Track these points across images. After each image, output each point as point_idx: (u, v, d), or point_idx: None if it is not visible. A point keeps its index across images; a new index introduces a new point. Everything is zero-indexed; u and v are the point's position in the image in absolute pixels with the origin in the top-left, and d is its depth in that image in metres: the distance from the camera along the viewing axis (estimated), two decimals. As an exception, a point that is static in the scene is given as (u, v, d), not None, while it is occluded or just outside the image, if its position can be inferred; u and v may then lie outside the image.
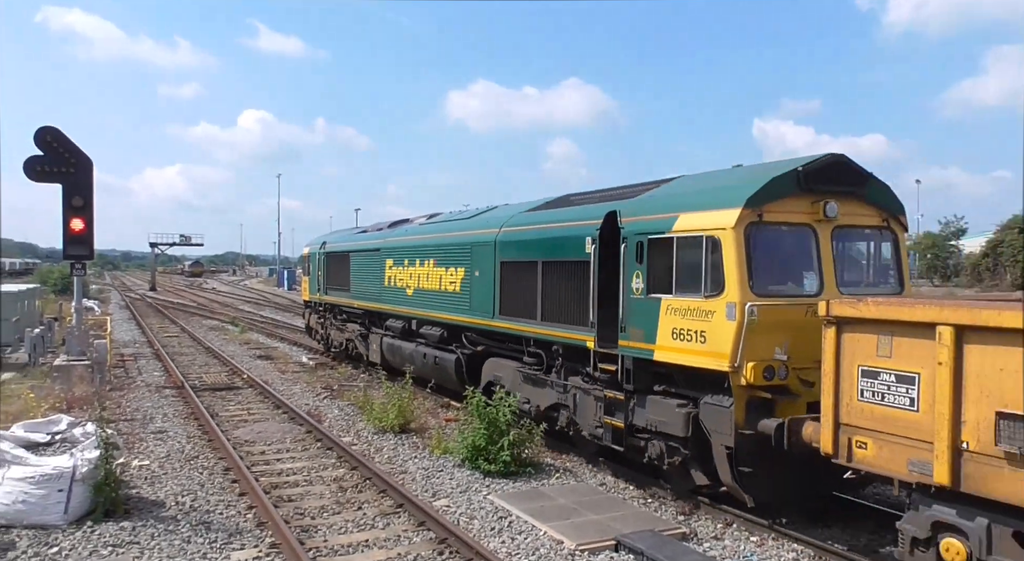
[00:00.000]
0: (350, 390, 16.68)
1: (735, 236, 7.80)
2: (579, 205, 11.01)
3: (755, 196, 7.90)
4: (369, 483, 9.81)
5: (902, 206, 9.00)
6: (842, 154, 8.57)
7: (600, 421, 9.78)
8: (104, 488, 8.41)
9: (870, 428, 6.46)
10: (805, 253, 8.30)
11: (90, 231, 15.53)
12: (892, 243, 8.98)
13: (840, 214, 8.31)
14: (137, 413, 14.40)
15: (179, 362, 21.57)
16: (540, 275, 11.06)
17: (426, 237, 15.63)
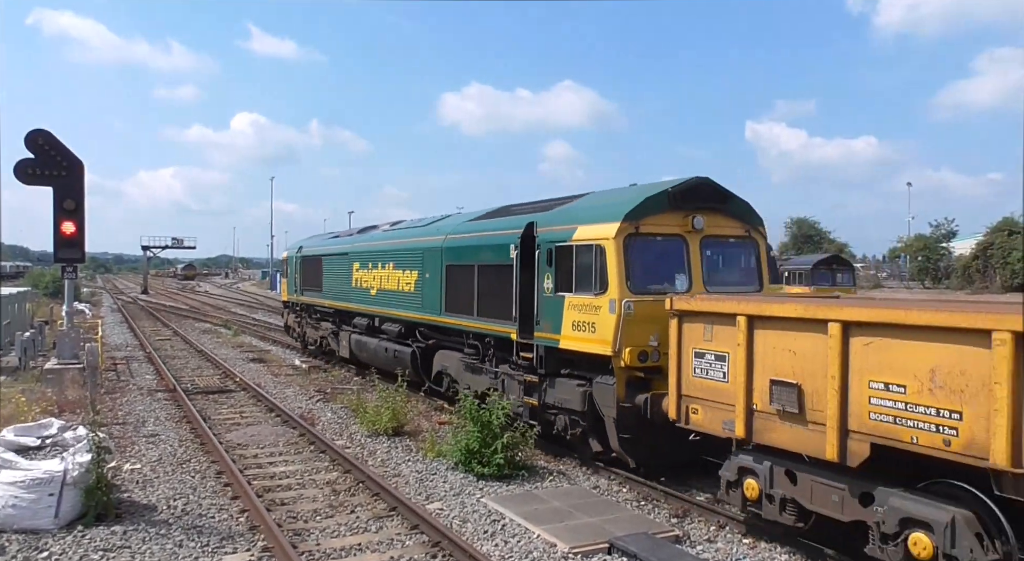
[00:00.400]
0: (343, 393, 16.62)
1: (615, 245, 9.56)
2: (510, 216, 12.62)
3: (631, 212, 9.71)
4: (362, 486, 9.78)
5: (761, 220, 10.85)
6: (706, 177, 10.29)
7: (521, 401, 11.33)
8: (95, 492, 8.35)
9: (700, 397, 8.16)
10: (677, 258, 10.04)
11: (81, 234, 15.45)
12: (754, 249, 10.76)
13: (706, 226, 10.13)
14: (129, 417, 14.32)
15: (171, 365, 21.47)
16: (476, 277, 12.77)
17: (387, 243, 17.40)
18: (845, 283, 30.77)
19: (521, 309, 11.34)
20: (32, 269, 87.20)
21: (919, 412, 6.04)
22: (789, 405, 7.08)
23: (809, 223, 66.17)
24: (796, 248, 60.96)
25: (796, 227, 66.15)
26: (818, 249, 56.82)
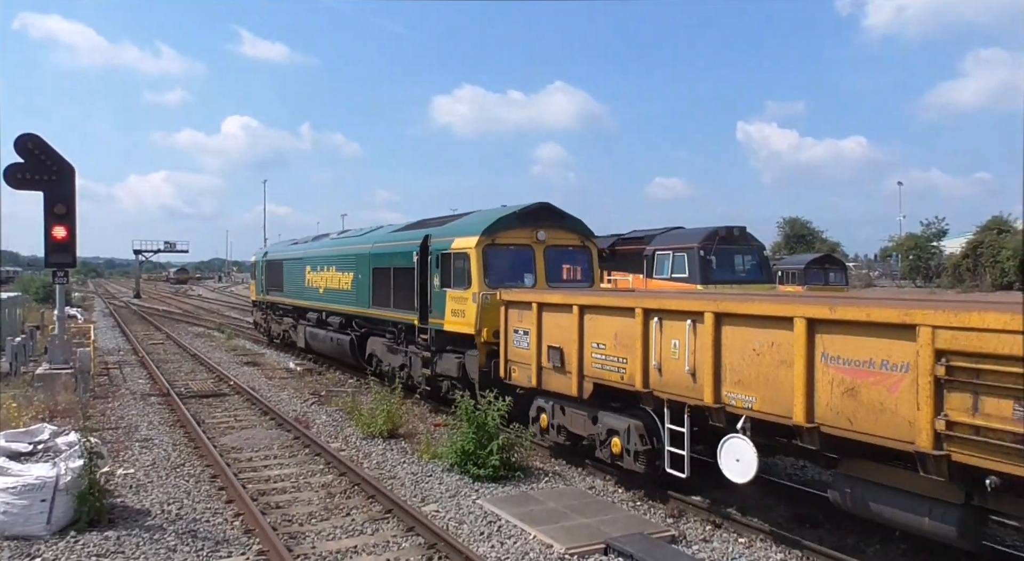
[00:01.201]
0: (338, 396, 16.57)
1: (476, 253, 13.08)
2: (417, 229, 15.96)
3: (488, 228, 13.28)
4: (358, 489, 9.74)
5: (592, 233, 14.62)
6: (548, 203, 14.00)
7: (420, 372, 14.77)
8: (88, 497, 8.29)
9: (516, 361, 11.37)
10: (526, 262, 13.58)
11: (73, 239, 15.36)
12: (587, 255, 14.35)
13: (548, 238, 13.73)
14: (122, 421, 14.24)
15: (165, 369, 21.38)
16: (392, 277, 16.14)
17: (332, 249, 20.85)
18: (838, 282, 30.81)
19: (420, 302, 14.72)
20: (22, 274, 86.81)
21: (611, 360, 9.34)
22: (556, 362, 10.33)
23: (801, 223, 66.31)
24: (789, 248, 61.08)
25: (789, 227, 66.26)
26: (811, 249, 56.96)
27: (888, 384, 6.13)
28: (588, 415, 10.06)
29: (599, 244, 18.21)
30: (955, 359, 5.67)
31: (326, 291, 20.54)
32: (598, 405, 9.86)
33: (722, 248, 20.14)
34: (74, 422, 12.86)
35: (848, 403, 6.45)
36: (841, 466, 7.11)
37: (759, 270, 21.06)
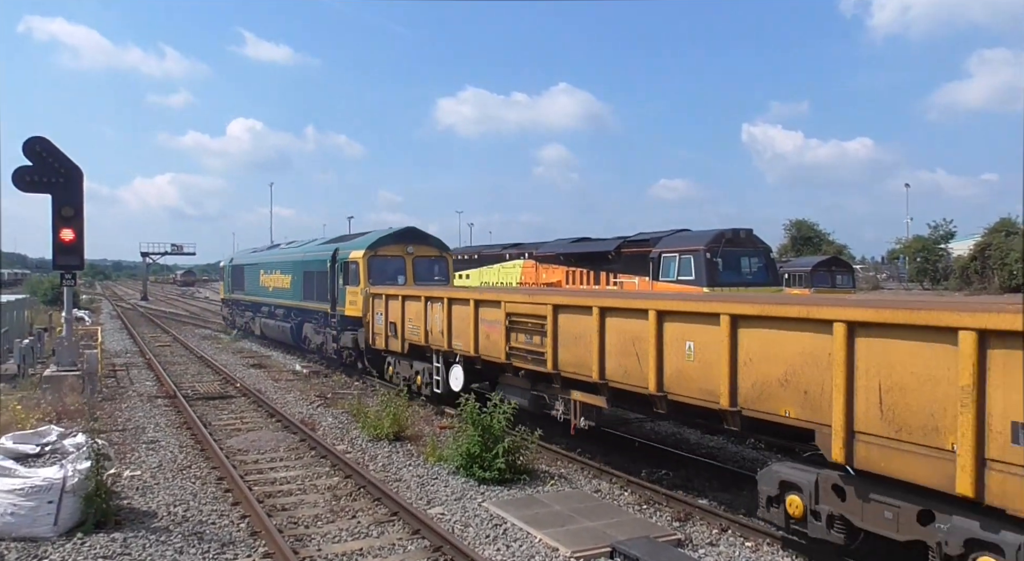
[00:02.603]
0: (344, 398, 16.60)
1: (363, 261, 18.88)
2: (332, 244, 22.20)
3: (371, 245, 19.30)
4: (363, 491, 9.75)
5: (447, 247, 20.80)
6: (414, 226, 20.46)
7: (331, 346, 21.07)
8: (95, 499, 8.32)
9: (379, 334, 16.47)
10: (400, 269, 19.40)
11: (80, 241, 15.43)
12: (444, 263, 20.27)
13: (415, 251, 19.64)
14: (129, 423, 14.29)
15: (171, 371, 21.45)
16: (315, 278, 22.45)
17: (279, 257, 27.47)
18: (845, 285, 30.71)
19: (331, 295, 20.93)
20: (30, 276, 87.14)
21: (415, 328, 14.05)
22: (392, 332, 15.86)
23: (808, 225, 66.09)
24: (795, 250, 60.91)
25: (795, 229, 66.06)
26: (817, 251, 56.80)
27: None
28: (433, 364, 14.68)
29: (604, 246, 22.70)
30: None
31: (274, 289, 26.97)
32: (412, 357, 15.76)
33: (728, 250, 20.10)
34: (81, 424, 12.89)
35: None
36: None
37: (766, 272, 21.01)
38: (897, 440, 5.88)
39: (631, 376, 8.79)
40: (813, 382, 6.54)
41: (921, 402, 5.72)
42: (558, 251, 25.61)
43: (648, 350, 8.37)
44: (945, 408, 5.53)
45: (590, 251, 24.07)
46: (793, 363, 6.74)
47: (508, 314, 11.46)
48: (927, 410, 5.68)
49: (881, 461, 6.04)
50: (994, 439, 5.28)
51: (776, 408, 6.93)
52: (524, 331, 11.10)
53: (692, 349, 7.88)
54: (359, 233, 22.92)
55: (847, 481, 6.58)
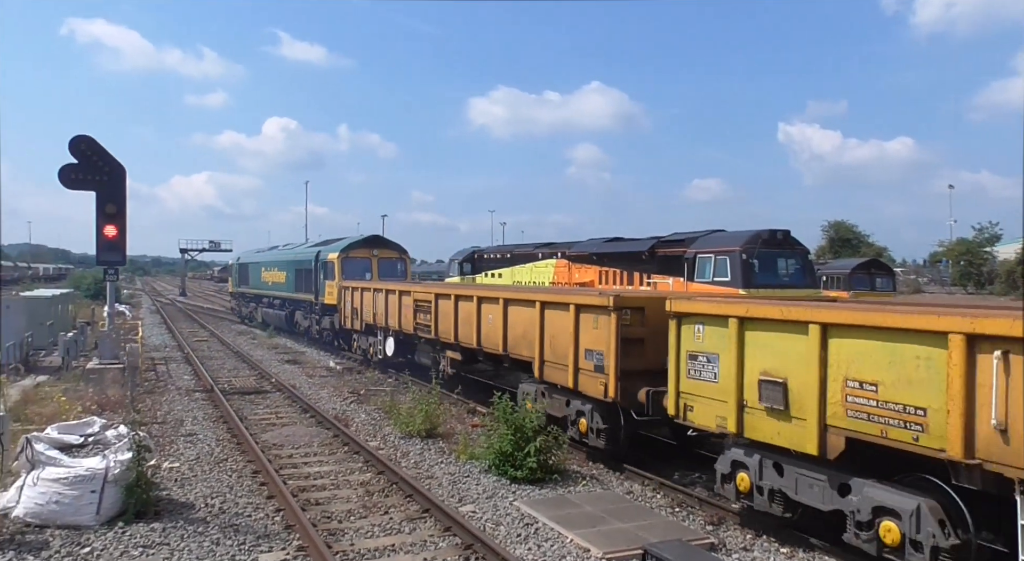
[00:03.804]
0: (376, 395, 16.76)
1: (338, 262, 25.46)
2: (317, 247, 28.69)
3: (344, 249, 25.94)
4: (395, 488, 9.85)
5: (406, 251, 27.62)
6: (379, 234, 29.58)
7: (315, 328, 27.38)
8: (135, 490, 8.53)
9: (348, 316, 22.68)
10: (367, 267, 25.76)
11: (123, 237, 15.79)
12: (403, 263, 26.92)
13: (380, 254, 26.41)
14: (168, 416, 14.59)
15: (209, 366, 21.85)
16: (304, 274, 28.50)
17: (276, 257, 34.34)
18: (884, 288, 30.15)
19: (314, 288, 27.24)
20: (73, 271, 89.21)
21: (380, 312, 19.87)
22: (355, 315, 21.95)
23: (847, 226, 64.90)
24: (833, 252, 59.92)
25: (833, 230, 64.95)
26: (856, 253, 55.83)
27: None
28: (378, 338, 20.43)
29: (638, 246, 23.16)
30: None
31: (272, 283, 33.72)
32: (367, 333, 21.54)
33: (765, 251, 19.86)
34: (123, 416, 13.21)
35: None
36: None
37: (803, 275, 20.72)
38: (555, 363, 11.54)
39: (469, 338, 14.54)
40: (531, 337, 12.17)
41: (563, 342, 11.26)
42: (591, 251, 25.53)
43: (472, 320, 14.37)
44: (568, 347, 11.16)
45: (623, 251, 23.96)
46: (526, 326, 12.39)
47: (415, 300, 17.52)
48: (564, 347, 11.22)
49: (549, 375, 11.73)
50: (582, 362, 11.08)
51: (521, 351, 12.73)
52: (422, 311, 17.03)
53: (491, 319, 13.66)
54: (338, 238, 29.46)
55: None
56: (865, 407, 6.64)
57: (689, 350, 8.62)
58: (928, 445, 6.12)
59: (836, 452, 6.97)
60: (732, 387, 7.97)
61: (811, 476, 7.38)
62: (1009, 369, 5.54)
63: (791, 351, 7.31)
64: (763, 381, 7.61)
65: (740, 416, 7.96)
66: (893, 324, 6.37)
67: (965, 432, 5.82)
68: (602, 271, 24.48)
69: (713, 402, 8.31)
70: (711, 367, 8.29)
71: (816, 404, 7.04)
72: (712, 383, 8.31)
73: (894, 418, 6.39)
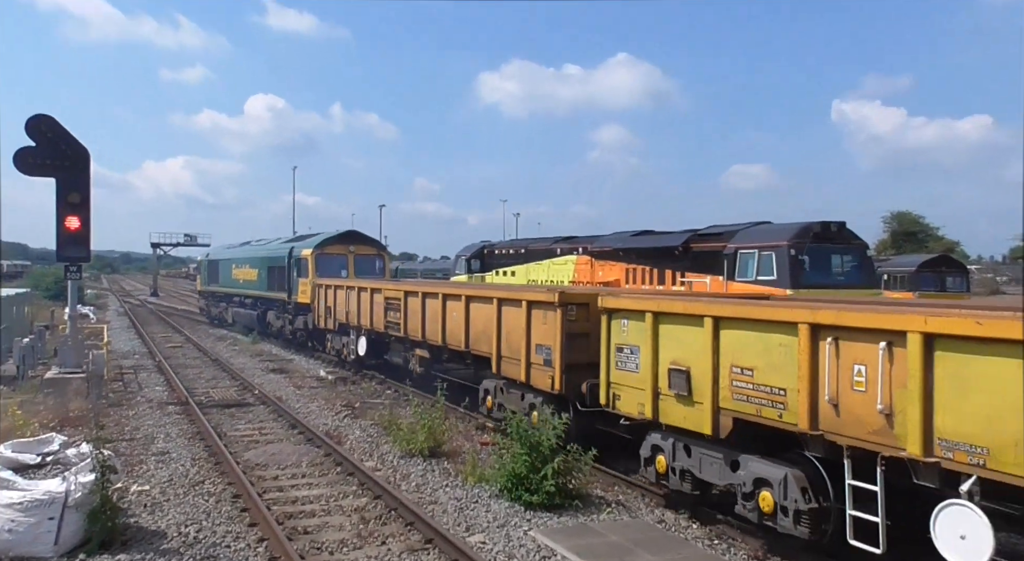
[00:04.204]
0: (373, 408, 16.79)
1: (311, 258, 27.31)
2: (289, 243, 30.74)
3: (318, 245, 27.99)
4: (395, 514, 9.84)
5: (384, 247, 31.30)
6: (356, 230, 31.22)
7: (288, 328, 29.21)
8: (100, 516, 8.52)
9: (322, 314, 24.63)
10: (343, 264, 27.66)
11: (87, 230, 15.85)
12: (381, 260, 29.03)
13: (356, 250, 28.41)
14: (137, 432, 14.66)
15: (184, 376, 21.96)
16: (277, 271, 30.31)
17: (248, 253, 36.00)
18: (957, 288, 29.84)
19: (287, 286, 28.68)
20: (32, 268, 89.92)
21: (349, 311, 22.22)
22: (328, 314, 23.99)
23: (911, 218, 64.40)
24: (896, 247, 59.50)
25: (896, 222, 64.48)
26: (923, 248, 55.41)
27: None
28: (351, 337, 22.34)
29: (670, 240, 23.10)
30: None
31: (244, 281, 35.20)
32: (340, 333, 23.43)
33: (817, 246, 19.71)
34: (86, 432, 13.27)
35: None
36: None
37: (860, 273, 20.56)
38: (510, 358, 13.40)
39: (436, 335, 16.30)
40: (490, 333, 14.01)
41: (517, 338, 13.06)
42: (617, 246, 25.45)
43: (438, 317, 16.18)
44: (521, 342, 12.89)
45: (654, 246, 23.86)
46: (485, 323, 14.19)
47: (386, 298, 19.21)
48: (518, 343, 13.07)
49: (506, 370, 13.59)
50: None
51: (481, 347, 14.49)
52: (393, 309, 18.75)
53: (455, 316, 15.47)
54: (313, 234, 32.05)
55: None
56: (745, 390, 8.36)
57: (617, 343, 10.40)
58: (788, 421, 7.84)
59: (726, 431, 8.69)
60: (649, 376, 9.67)
61: (711, 455, 9.09)
62: (839, 353, 7.28)
63: (693, 342, 8.98)
64: (672, 370, 9.31)
65: (655, 403, 9.67)
66: (764, 317, 8.11)
67: (811, 408, 7.55)
68: (629, 268, 24.41)
69: (635, 391, 10.00)
70: (634, 358, 10.00)
71: (710, 389, 8.73)
72: (635, 373, 9.99)
73: (765, 399, 8.12)
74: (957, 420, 6.32)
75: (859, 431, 7.12)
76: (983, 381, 6.13)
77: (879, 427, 6.93)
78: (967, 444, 6.24)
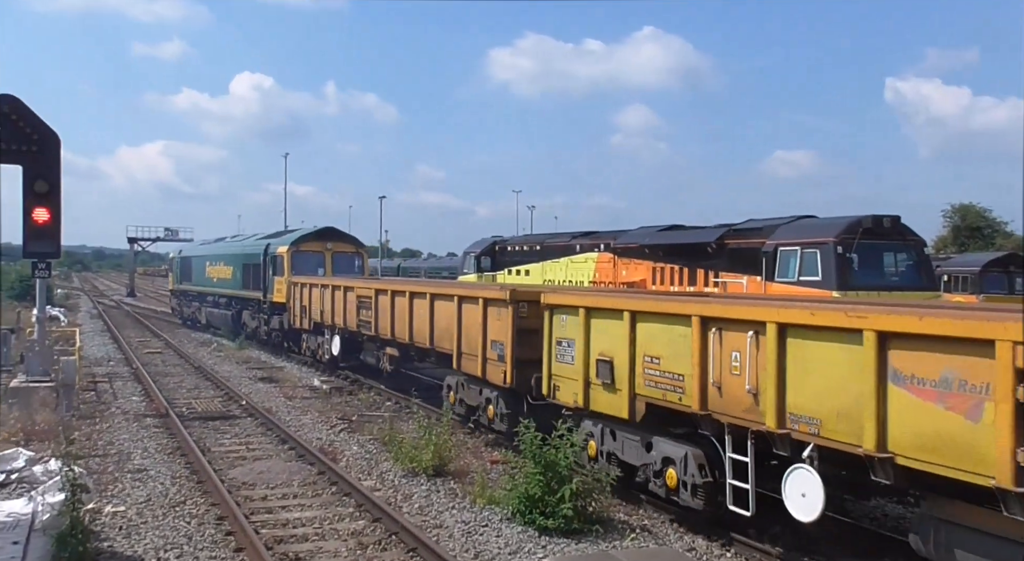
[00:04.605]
0: (372, 422, 16.86)
1: (287, 256, 29.13)
2: (266, 240, 32.27)
3: (294, 242, 29.97)
4: (395, 539, 9.89)
5: (363, 244, 32.90)
6: (334, 226, 32.93)
7: (264, 328, 31.14)
8: (70, 540, 8.57)
9: (298, 314, 26.52)
10: (320, 262, 29.56)
11: (57, 223, 15.84)
12: (360, 258, 31.20)
13: (334, 248, 30.24)
14: (111, 447, 14.76)
15: (163, 385, 22.10)
16: (252, 269, 32.11)
17: (222, 250, 37.84)
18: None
19: (263, 284, 30.17)
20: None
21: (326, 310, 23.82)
22: (303, 313, 25.76)
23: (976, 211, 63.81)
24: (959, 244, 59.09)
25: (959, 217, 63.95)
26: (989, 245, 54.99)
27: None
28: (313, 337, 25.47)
29: (702, 236, 23.29)
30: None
31: (218, 280, 37.06)
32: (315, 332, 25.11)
33: (867, 243, 19.61)
34: (54, 447, 13.37)
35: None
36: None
37: (917, 273, 20.46)
38: (469, 354, 15.11)
39: (404, 333, 18.08)
40: (452, 330, 15.71)
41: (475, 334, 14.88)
42: (642, 242, 25.42)
43: (405, 315, 17.85)
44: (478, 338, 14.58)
45: (684, 242, 23.82)
46: (448, 320, 15.91)
47: (358, 296, 21.17)
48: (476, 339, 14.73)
49: (465, 366, 15.29)
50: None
51: (444, 344, 16.31)
52: (365, 308, 20.51)
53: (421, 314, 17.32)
54: (291, 230, 34.94)
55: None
56: (655, 377, 10.25)
57: (557, 337, 12.27)
58: (685, 403, 9.68)
59: (640, 415, 10.57)
60: (582, 367, 11.52)
61: (631, 438, 10.98)
62: (722, 341, 9.17)
63: (616, 335, 10.81)
64: (599, 361, 11.15)
65: (587, 392, 11.53)
66: (669, 311, 10.20)
67: (701, 391, 9.40)
68: (656, 267, 24.38)
69: (571, 381, 11.84)
70: (570, 351, 11.85)
71: (628, 377, 10.58)
72: (571, 365, 11.83)
73: (669, 384, 10.00)
74: (801, 396, 8.18)
75: (736, 410, 9.00)
76: (816, 363, 7.99)
77: (749, 405, 8.79)
78: (807, 416, 8.13)
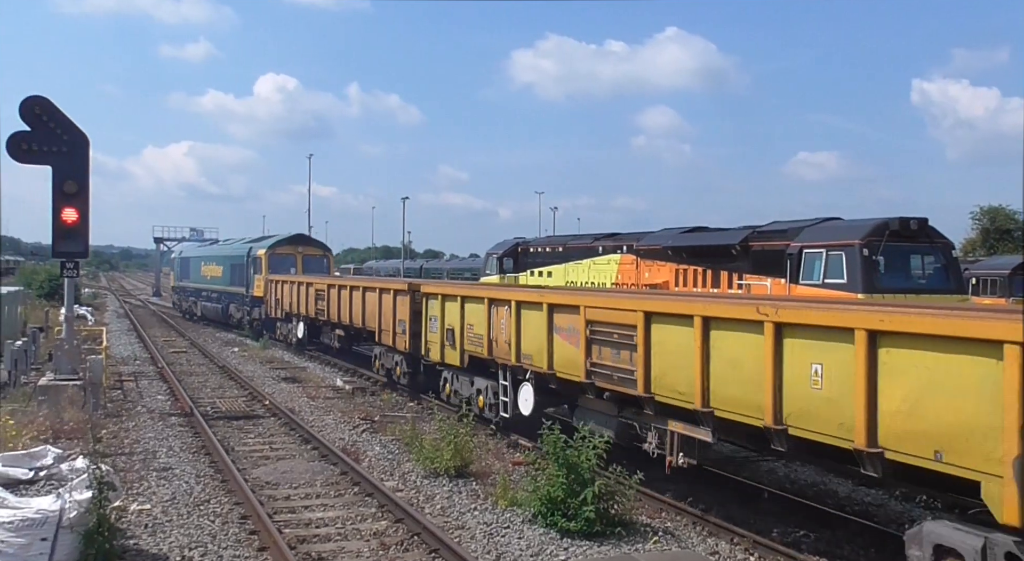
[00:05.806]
0: (395, 422, 16.89)
1: (265, 257, 37.61)
2: (250, 244, 41.84)
3: (270, 246, 38.81)
4: (417, 540, 9.90)
5: (329, 248, 43.16)
6: (304, 233, 46.67)
7: (247, 319, 39.00)
8: (96, 537, 8.63)
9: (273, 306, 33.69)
10: (292, 263, 37.70)
11: (85, 223, 15.97)
12: (326, 260, 39.92)
13: (304, 251, 39.24)
14: (137, 446, 14.88)
15: (188, 384, 22.27)
16: (238, 268, 40.90)
17: (215, 252, 48.50)
18: (1057, 293, 29.23)
19: (246, 281, 38.83)
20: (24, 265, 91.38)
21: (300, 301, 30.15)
22: (276, 304, 32.94)
23: (1006, 214, 62.93)
24: (987, 247, 58.39)
25: (988, 219, 63.15)
26: (1019, 248, 54.32)
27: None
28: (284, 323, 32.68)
29: (726, 238, 23.42)
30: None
31: (211, 277, 44.98)
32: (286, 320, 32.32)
33: (894, 246, 19.44)
34: (82, 445, 13.50)
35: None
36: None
37: (946, 276, 20.25)
38: (386, 330, 21.55)
39: (346, 317, 24.91)
40: (375, 313, 22.20)
41: (388, 315, 21.53)
42: (666, 244, 25.32)
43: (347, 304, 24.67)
44: (390, 318, 21.32)
45: (708, 244, 23.70)
46: (372, 307, 22.53)
47: (315, 290, 26.87)
48: (389, 319, 21.40)
49: (384, 339, 21.66)
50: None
51: (372, 324, 22.54)
52: (321, 299, 26.47)
53: (357, 303, 23.53)
54: (270, 236, 42.82)
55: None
56: (472, 338, 15.87)
57: (429, 315, 18.02)
58: (483, 354, 15.40)
59: (466, 363, 16.33)
60: (439, 334, 17.25)
61: (464, 378, 16.83)
62: (498, 311, 14.77)
63: (455, 312, 16.52)
64: (447, 330, 16.91)
65: (442, 350, 17.23)
66: (478, 295, 15.98)
67: (488, 344, 15.12)
68: (679, 269, 24.28)
69: (435, 345, 17.56)
70: (435, 324, 17.56)
71: (460, 339, 16.31)
72: (435, 334, 17.53)
73: (479, 342, 15.49)
74: (524, 341, 14.02)
75: (505, 355, 14.53)
76: (527, 320, 13.99)
77: (508, 351, 14.39)
78: (528, 354, 13.81)
